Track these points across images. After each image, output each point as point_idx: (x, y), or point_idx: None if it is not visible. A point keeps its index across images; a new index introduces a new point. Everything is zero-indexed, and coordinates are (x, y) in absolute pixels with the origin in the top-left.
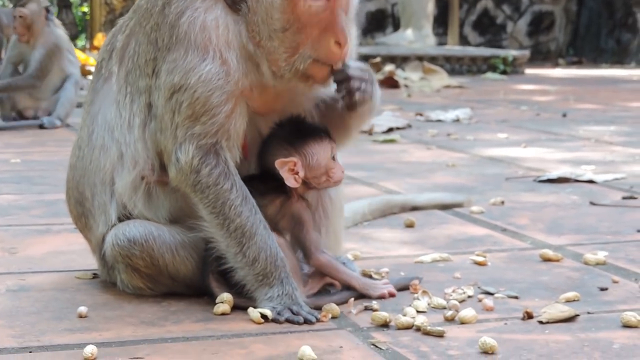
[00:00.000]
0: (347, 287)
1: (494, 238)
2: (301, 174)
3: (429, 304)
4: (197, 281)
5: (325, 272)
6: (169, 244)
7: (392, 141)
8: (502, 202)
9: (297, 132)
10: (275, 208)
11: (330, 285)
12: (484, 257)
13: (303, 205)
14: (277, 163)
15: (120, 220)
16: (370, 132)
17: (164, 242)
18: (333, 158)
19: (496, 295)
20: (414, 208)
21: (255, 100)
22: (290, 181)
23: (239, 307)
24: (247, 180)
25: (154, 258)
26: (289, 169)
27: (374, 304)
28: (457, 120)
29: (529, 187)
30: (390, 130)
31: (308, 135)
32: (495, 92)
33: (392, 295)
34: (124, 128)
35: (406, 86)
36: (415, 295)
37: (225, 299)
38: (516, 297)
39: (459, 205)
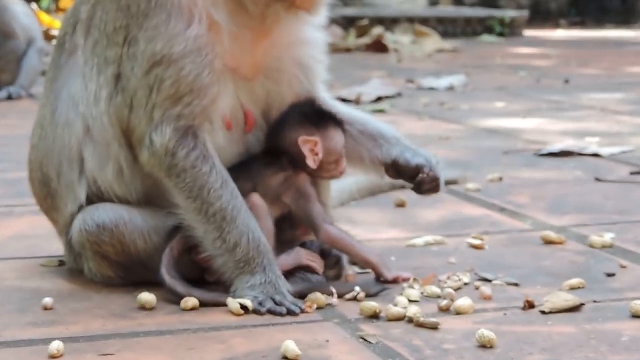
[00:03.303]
0: (363, 262)
1: (491, 218)
2: (320, 155)
3: (422, 293)
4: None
5: (336, 247)
6: (141, 229)
7: (381, 111)
8: (500, 179)
9: (317, 113)
10: (279, 180)
11: (306, 270)
12: (481, 239)
13: (308, 179)
14: (301, 140)
15: (89, 198)
16: (357, 102)
17: (136, 227)
18: None
19: (494, 282)
20: (405, 186)
21: (242, 62)
22: (310, 160)
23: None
24: (250, 156)
25: (124, 244)
26: (310, 148)
27: (358, 290)
28: (450, 88)
29: (528, 162)
30: (379, 99)
31: (328, 118)
32: (492, 56)
33: (405, 279)
34: (90, 101)
35: (396, 50)
36: (407, 283)
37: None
38: (516, 284)
39: (454, 182)
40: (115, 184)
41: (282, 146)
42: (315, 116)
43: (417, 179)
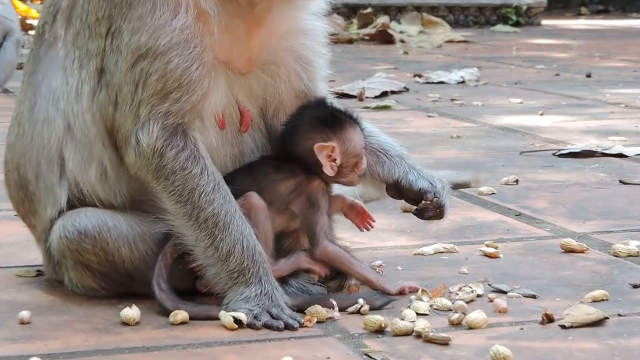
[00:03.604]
0: (363, 281)
1: (506, 224)
2: (338, 161)
3: (431, 306)
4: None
5: (333, 264)
6: (126, 236)
7: (386, 108)
8: (516, 181)
9: (332, 114)
10: (289, 187)
11: (306, 273)
12: (496, 247)
13: (323, 188)
14: (317, 148)
15: (70, 202)
16: (360, 97)
17: (121, 234)
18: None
19: (510, 294)
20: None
21: (235, 54)
22: (327, 169)
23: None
24: (258, 158)
25: (108, 253)
26: (327, 155)
27: (362, 303)
28: (462, 82)
29: (547, 163)
30: (384, 94)
31: (343, 119)
32: (507, 48)
33: (413, 290)
34: (71, 97)
35: (402, 41)
36: (415, 294)
37: (178, 315)
38: (534, 297)
39: (465, 185)
40: (98, 186)
41: (295, 153)
42: (330, 118)
43: (420, 206)
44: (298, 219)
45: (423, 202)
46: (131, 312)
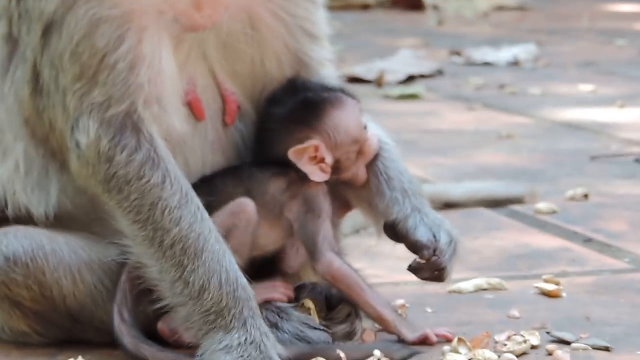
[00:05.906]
0: (375, 318)
1: (572, 253)
2: (328, 159)
3: (470, 359)
4: (111, 322)
5: (338, 287)
6: (68, 264)
7: (413, 97)
8: (586, 196)
9: (306, 101)
10: (281, 185)
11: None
12: (557, 284)
13: (323, 188)
14: (292, 153)
15: None
16: (379, 83)
17: (61, 261)
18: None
19: (575, 345)
20: (448, 205)
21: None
22: (316, 175)
23: None
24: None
25: (44, 286)
26: (310, 158)
27: (379, 356)
28: (515, 63)
29: (627, 172)
30: (410, 79)
31: (323, 101)
32: (576, 16)
33: (445, 338)
34: None
35: (435, 7)
36: (449, 345)
37: None
38: (607, 349)
39: (518, 200)
40: (22, 189)
41: (277, 162)
42: (302, 109)
43: (413, 264)
44: (295, 227)
45: (416, 260)
46: None
